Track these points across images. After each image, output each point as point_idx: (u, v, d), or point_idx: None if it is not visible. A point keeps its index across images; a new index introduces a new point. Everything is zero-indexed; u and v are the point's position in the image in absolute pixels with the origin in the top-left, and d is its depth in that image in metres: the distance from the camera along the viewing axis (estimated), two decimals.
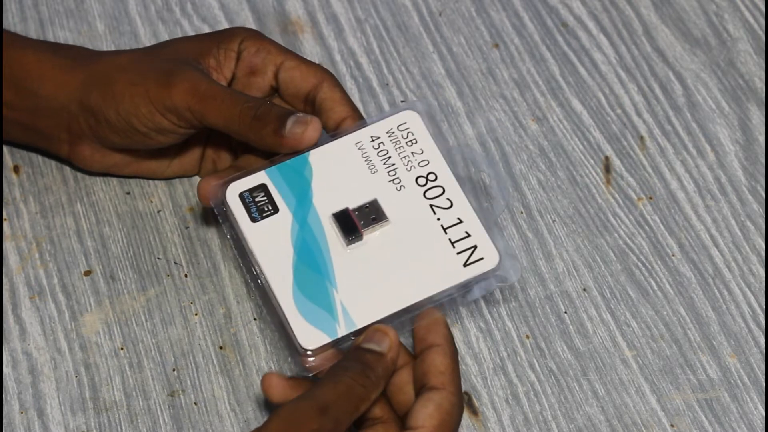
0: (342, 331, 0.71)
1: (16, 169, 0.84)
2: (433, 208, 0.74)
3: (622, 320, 0.80)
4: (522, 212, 0.84)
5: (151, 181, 0.84)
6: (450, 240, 0.74)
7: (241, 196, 0.75)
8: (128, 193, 0.84)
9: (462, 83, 0.89)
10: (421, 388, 0.69)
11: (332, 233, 0.74)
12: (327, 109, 0.78)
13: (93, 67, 0.79)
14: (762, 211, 0.84)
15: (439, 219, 0.74)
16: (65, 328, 0.79)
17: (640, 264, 0.82)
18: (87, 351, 0.78)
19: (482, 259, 0.73)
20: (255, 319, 0.79)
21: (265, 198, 0.75)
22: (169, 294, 0.80)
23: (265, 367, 0.78)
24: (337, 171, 0.75)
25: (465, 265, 0.73)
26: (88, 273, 0.81)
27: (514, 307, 0.80)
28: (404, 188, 0.75)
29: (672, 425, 0.76)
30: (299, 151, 0.75)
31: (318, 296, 0.72)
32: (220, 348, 0.79)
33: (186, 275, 0.81)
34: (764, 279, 0.81)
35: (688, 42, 0.91)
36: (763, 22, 0.91)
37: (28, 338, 0.79)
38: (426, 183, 0.75)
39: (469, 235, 0.74)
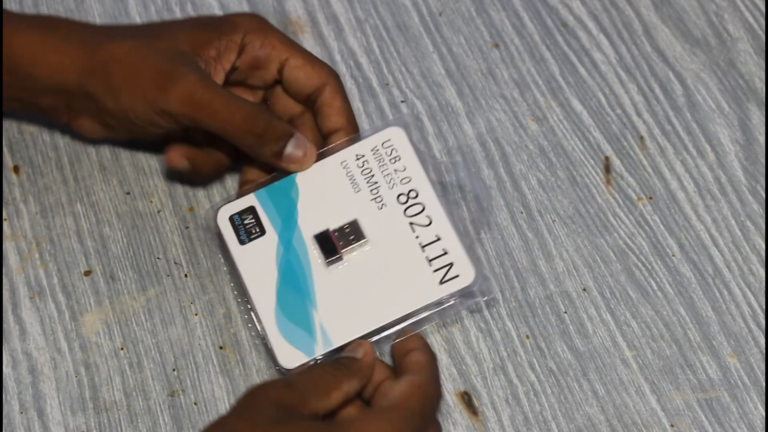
0: (320, 350, 0.73)
1: (16, 169, 0.84)
2: (413, 225, 0.76)
3: (622, 320, 0.80)
4: (522, 212, 0.84)
5: (151, 181, 0.84)
6: (427, 258, 0.75)
7: (231, 218, 0.77)
8: (128, 193, 0.84)
9: (462, 83, 0.89)
10: None
11: (314, 254, 0.76)
12: (324, 115, 0.78)
13: (89, 54, 0.77)
14: (762, 211, 0.84)
15: (417, 237, 0.75)
16: (65, 328, 0.79)
17: (640, 264, 0.82)
18: (87, 351, 0.78)
19: (458, 276, 0.74)
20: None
21: (253, 220, 0.77)
22: (169, 294, 0.80)
23: (264, 367, 0.78)
24: (323, 191, 0.77)
25: (441, 282, 0.74)
26: (88, 273, 0.81)
27: (514, 307, 0.80)
28: (386, 206, 0.76)
29: (672, 425, 0.76)
30: (289, 172, 0.77)
31: (298, 317, 0.74)
32: (220, 348, 0.79)
33: (186, 275, 0.81)
34: (764, 279, 0.81)
35: (688, 42, 0.91)
36: (763, 22, 0.91)
37: (28, 338, 0.79)
38: (407, 200, 0.76)
39: (445, 253, 0.75)
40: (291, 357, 0.73)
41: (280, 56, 0.78)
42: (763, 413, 0.77)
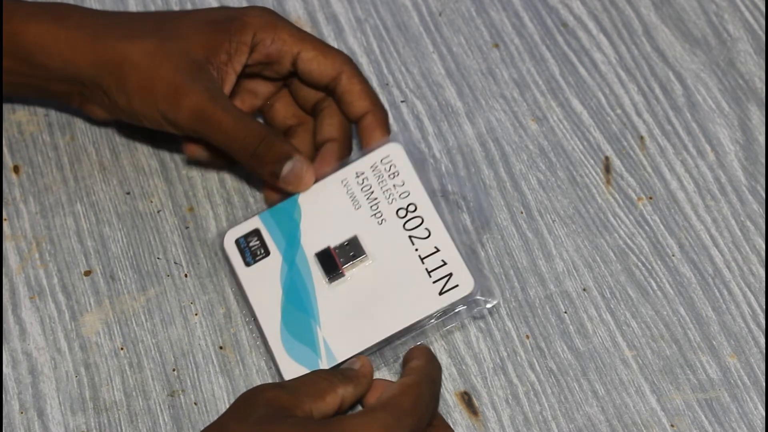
0: (324, 366, 0.74)
1: (16, 169, 0.84)
2: (412, 239, 0.77)
3: (622, 320, 0.80)
4: (522, 212, 0.84)
5: (151, 181, 0.84)
6: (426, 270, 0.76)
7: (237, 241, 0.78)
8: (128, 193, 0.84)
9: (462, 83, 0.89)
10: None
11: (317, 272, 0.77)
12: (347, 103, 0.79)
13: (102, 51, 0.78)
14: (762, 211, 0.83)
15: (417, 249, 0.76)
16: (65, 328, 0.79)
17: (640, 264, 0.82)
18: (87, 351, 0.78)
19: (457, 286, 0.75)
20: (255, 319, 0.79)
21: (258, 242, 0.78)
22: (169, 294, 0.80)
23: (264, 367, 0.78)
24: (324, 210, 0.78)
25: (441, 293, 0.75)
26: (88, 273, 0.81)
27: (514, 307, 0.80)
28: (385, 221, 0.77)
29: (672, 425, 0.76)
30: (291, 193, 0.78)
31: (303, 334, 0.75)
32: (220, 348, 0.79)
33: (186, 275, 0.81)
34: (764, 279, 0.81)
35: (688, 42, 0.91)
36: (763, 22, 0.91)
37: (28, 338, 0.79)
38: (406, 214, 0.77)
39: (445, 263, 0.76)
40: (297, 374, 0.74)
41: (291, 50, 0.79)
42: (763, 413, 0.77)
